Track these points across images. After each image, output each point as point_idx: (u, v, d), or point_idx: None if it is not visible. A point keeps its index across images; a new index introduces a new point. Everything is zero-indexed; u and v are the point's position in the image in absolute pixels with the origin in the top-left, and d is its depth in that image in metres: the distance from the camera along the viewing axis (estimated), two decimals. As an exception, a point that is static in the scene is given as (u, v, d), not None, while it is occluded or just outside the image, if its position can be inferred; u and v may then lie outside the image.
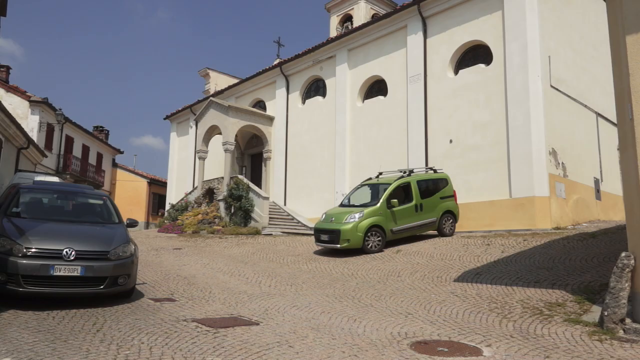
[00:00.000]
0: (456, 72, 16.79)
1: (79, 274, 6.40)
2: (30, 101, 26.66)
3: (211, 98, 24.64)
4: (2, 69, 28.15)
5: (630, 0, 5.31)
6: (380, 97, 19.27)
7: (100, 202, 8.55)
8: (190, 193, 25.59)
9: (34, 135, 25.08)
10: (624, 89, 5.41)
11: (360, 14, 32.49)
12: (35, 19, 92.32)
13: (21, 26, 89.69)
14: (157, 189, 37.67)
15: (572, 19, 16.52)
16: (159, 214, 34.19)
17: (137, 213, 34.83)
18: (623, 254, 5.41)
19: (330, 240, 12.27)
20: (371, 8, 33.12)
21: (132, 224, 8.36)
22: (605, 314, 5.32)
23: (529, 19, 14.64)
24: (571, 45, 16.25)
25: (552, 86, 14.85)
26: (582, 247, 9.84)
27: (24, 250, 6.29)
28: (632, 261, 5.32)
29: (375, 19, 20.05)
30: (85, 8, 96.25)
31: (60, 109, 27.62)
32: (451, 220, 13.77)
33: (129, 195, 36.29)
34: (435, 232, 13.66)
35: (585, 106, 16.49)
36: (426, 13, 17.47)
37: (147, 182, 37.47)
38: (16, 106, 25.83)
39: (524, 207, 14.00)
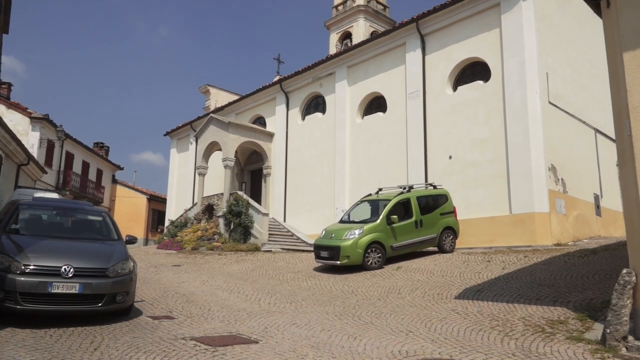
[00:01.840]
0: (455, 89, 16.90)
1: (77, 292, 6.36)
2: (31, 118, 26.77)
3: (211, 114, 24.75)
4: (3, 86, 28.32)
5: (627, 18, 5.37)
6: (380, 114, 19.36)
7: (100, 218, 8.52)
8: (189, 209, 25.54)
9: (34, 151, 25.13)
10: (622, 106, 5.44)
11: (360, 32, 32.88)
12: (37, 36, 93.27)
13: (23, 43, 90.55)
14: (156, 205, 37.61)
15: (570, 36, 16.69)
16: (158, 230, 34.08)
17: (137, 229, 34.72)
18: (624, 271, 5.38)
19: (330, 257, 12.20)
20: (370, 25, 33.53)
21: (131, 240, 8.33)
22: (608, 331, 5.27)
23: (527, 36, 14.80)
24: (569, 62, 16.40)
25: (550, 102, 14.94)
26: (583, 263, 9.79)
27: (22, 267, 6.25)
28: (634, 278, 5.28)
29: (375, 36, 20.25)
30: (87, 26, 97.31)
31: (61, 126, 27.73)
32: (451, 237, 13.72)
33: (128, 212, 36.21)
34: (435, 249, 13.60)
35: (584, 122, 16.57)
36: (425, 30, 17.66)
37: (147, 198, 37.42)
38: (17, 123, 25.93)
39: (524, 223, 13.97)
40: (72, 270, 6.40)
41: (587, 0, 6.51)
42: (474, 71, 16.59)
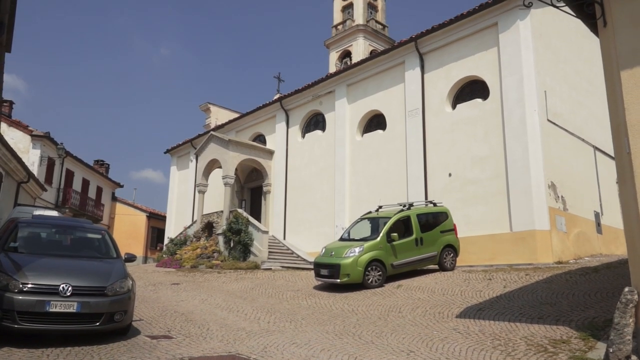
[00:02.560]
0: (454, 107, 17.00)
1: (74, 310, 6.30)
2: (32, 135, 26.87)
3: (212, 132, 24.85)
4: (5, 104, 28.49)
5: (624, 37, 5.43)
6: (379, 131, 19.44)
7: (99, 236, 8.50)
8: (189, 227, 25.47)
9: (34, 169, 25.17)
10: (620, 123, 5.46)
11: (359, 50, 33.21)
12: (39, 55, 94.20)
13: (25, 62, 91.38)
14: (156, 222, 37.51)
15: (567, 55, 16.85)
16: (158, 248, 33.93)
17: (136, 247, 34.58)
18: (626, 289, 5.34)
19: (330, 275, 12.13)
20: (369, 44, 33.88)
21: (130, 258, 8.30)
22: (610, 350, 5.20)
23: (524, 55, 14.95)
24: (566, 80, 16.53)
25: (549, 120, 15.01)
26: (585, 281, 9.72)
27: (20, 285, 6.21)
28: (636, 296, 5.24)
29: (374, 55, 20.45)
30: (89, 45, 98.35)
31: (61, 143, 27.83)
32: (452, 255, 13.65)
33: (127, 229, 36.10)
34: (436, 267, 13.52)
35: (583, 140, 16.63)
36: (423, 49, 17.84)
37: (146, 216, 37.35)
38: (18, 140, 26.03)
39: (525, 241, 13.92)
40: (70, 288, 6.35)
41: (584, 20, 6.59)
42: (472, 89, 16.71)
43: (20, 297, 6.12)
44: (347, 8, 35.51)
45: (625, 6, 5.41)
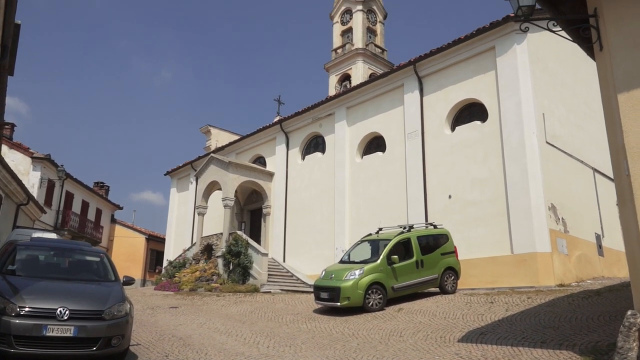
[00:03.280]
0: (453, 129, 17.10)
1: (71, 335, 6.22)
2: (32, 158, 26.95)
3: (212, 154, 24.94)
4: (6, 127, 28.64)
5: (620, 61, 5.49)
6: (379, 153, 19.51)
7: (97, 259, 8.45)
8: (188, 249, 25.33)
9: (34, 191, 25.18)
10: (618, 146, 5.49)
11: (358, 73, 33.56)
12: (41, 78, 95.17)
13: (27, 85, 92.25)
14: (155, 245, 37.34)
15: (564, 78, 17.04)
16: (156, 270, 33.71)
17: (134, 270, 34.34)
18: (629, 313, 5.28)
19: (330, 298, 12.00)
20: (369, 68, 34.25)
21: (129, 281, 8.24)
22: (616, 376, 5.12)
23: (522, 78, 15.10)
24: (564, 103, 16.67)
25: (547, 142, 15.09)
26: (588, 305, 9.63)
27: (17, 309, 6.15)
28: (639, 319, 5.18)
29: (373, 78, 20.66)
30: (90, 67, 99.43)
31: (62, 165, 27.89)
32: (453, 277, 13.55)
33: (126, 252, 35.91)
34: (437, 290, 13.40)
35: (582, 162, 16.68)
36: (422, 73, 18.04)
37: (145, 238, 37.19)
38: (18, 162, 26.10)
39: (526, 264, 13.83)
40: (67, 312, 6.29)
41: (581, 44, 6.69)
42: (471, 112, 16.84)
43: (17, 321, 6.05)
44: (347, 32, 36.04)
45: (621, 30, 5.49)
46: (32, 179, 26.34)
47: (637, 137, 5.23)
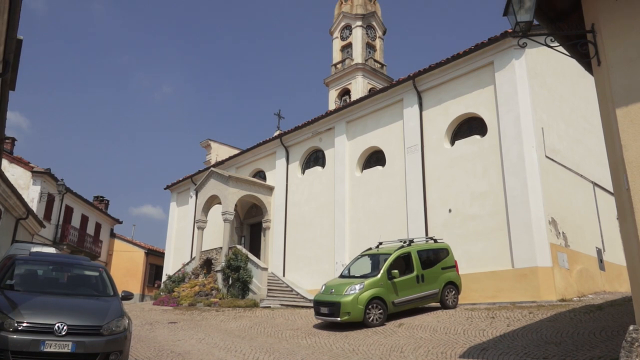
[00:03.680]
0: (452, 143, 17.15)
1: (69, 350, 6.16)
2: (32, 172, 26.97)
3: (212, 168, 24.97)
4: (7, 141, 28.71)
5: (618, 76, 5.53)
6: (379, 167, 19.54)
7: (96, 273, 8.41)
8: (187, 264, 25.22)
9: (34, 205, 25.15)
10: (618, 160, 5.50)
11: (358, 88, 33.75)
12: (41, 92, 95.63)
13: (28, 99, 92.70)
14: (154, 259, 37.18)
15: (562, 93, 17.14)
16: (155, 285, 33.51)
17: (133, 285, 34.15)
18: (631, 328, 5.24)
19: (330, 313, 11.92)
20: (368, 83, 34.46)
21: (127, 296, 8.19)
22: (619, 392, 5.06)
23: (520, 93, 15.18)
24: (563, 117, 16.75)
25: (547, 157, 15.12)
26: (589, 320, 9.56)
27: (15, 324, 6.11)
28: (642, 335, 5.14)
29: (373, 92, 20.77)
30: (91, 82, 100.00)
31: (62, 180, 27.90)
32: (454, 292, 13.46)
33: (125, 266, 35.74)
34: (437, 304, 13.31)
35: (582, 176, 16.70)
36: (421, 87, 18.14)
37: (145, 252, 37.04)
38: (18, 177, 26.11)
39: (527, 278, 13.76)
40: (65, 328, 6.24)
41: (578, 59, 6.74)
42: (470, 126, 16.90)
43: (15, 337, 6.01)
44: (347, 48, 36.34)
45: (619, 45, 5.54)
46: (31, 193, 26.33)
47: (636, 151, 5.24)
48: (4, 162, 26.91)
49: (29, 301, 6.72)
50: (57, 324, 6.23)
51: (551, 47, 6.40)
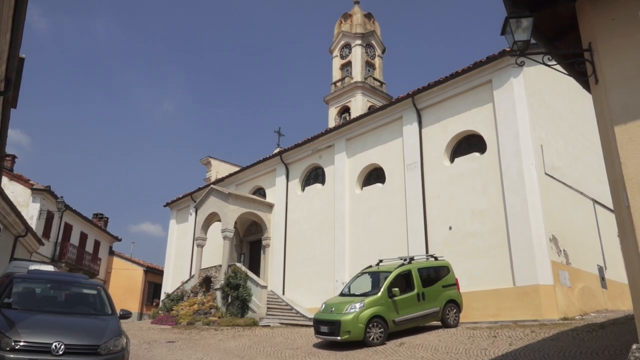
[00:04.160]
0: (452, 160, 17.18)
1: (66, 370, 6.09)
2: (32, 189, 26.96)
3: (212, 185, 24.97)
4: (7, 159, 28.77)
5: (615, 93, 5.56)
6: (379, 185, 19.54)
7: (94, 292, 8.35)
8: (186, 282, 25.06)
9: (33, 222, 25.09)
10: (617, 177, 5.50)
11: (357, 106, 33.95)
12: (42, 108, 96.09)
13: (29, 116, 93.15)
14: (153, 277, 36.94)
15: (560, 110, 17.24)
16: (154, 304, 33.23)
17: (131, 303, 33.87)
18: (634, 347, 5.18)
19: (331, 332, 11.79)
20: (367, 100, 34.68)
21: (125, 315, 8.12)
22: (624, 413, 4.98)
23: (519, 111, 15.27)
24: (561, 135, 16.82)
25: (546, 174, 15.13)
26: (592, 339, 9.46)
27: (12, 343, 6.04)
28: (646, 354, 5.08)
29: (372, 110, 20.90)
30: (92, 99, 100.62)
31: (61, 197, 27.87)
32: (455, 310, 13.34)
33: (124, 284, 35.50)
34: (439, 323, 13.18)
35: (581, 193, 16.69)
36: (420, 105, 18.25)
37: (144, 270, 36.83)
38: (18, 194, 26.09)
39: (529, 296, 13.65)
40: (62, 347, 6.17)
41: (576, 77, 6.79)
42: (469, 143, 16.96)
43: (12, 356, 5.94)
44: (346, 66, 36.67)
45: (616, 64, 5.59)
46: (31, 210, 26.28)
47: (635, 168, 5.25)
48: (4, 179, 26.91)
49: (26, 320, 6.66)
50: (54, 343, 6.17)
51: (549, 65, 6.45)
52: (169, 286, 29.30)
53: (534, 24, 5.90)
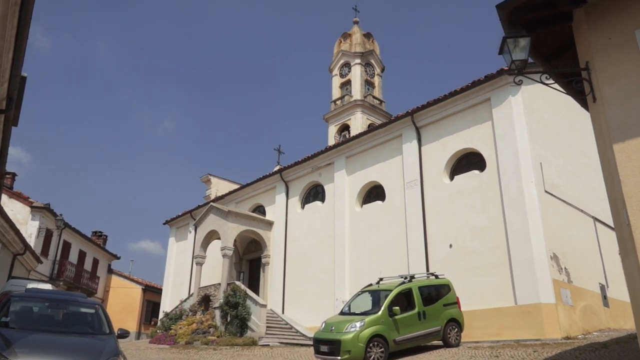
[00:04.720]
0: (452, 178, 17.20)
1: (62, 391, 6.00)
2: (31, 207, 26.93)
3: (211, 203, 24.94)
4: (8, 176, 28.80)
5: (613, 112, 5.59)
6: (379, 202, 19.52)
7: (92, 311, 8.28)
8: (185, 300, 24.85)
9: (31, 240, 25.00)
10: (617, 195, 5.50)
11: (357, 124, 34.12)
12: (43, 126, 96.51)
13: (29, 134, 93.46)
14: (151, 296, 36.65)
15: (559, 128, 17.32)
16: (152, 322, 32.91)
17: (129, 322, 33.55)
18: (639, 367, 5.12)
19: (331, 352, 11.64)
20: (367, 118, 34.88)
21: (123, 334, 8.04)
22: None
23: (518, 129, 15.34)
24: (561, 152, 16.86)
25: (546, 191, 15.13)
26: (595, 358, 9.34)
27: (8, 364, 5.97)
28: (650, 375, 5.01)
29: (372, 128, 21.01)
30: (92, 117, 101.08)
31: (60, 215, 27.82)
32: (456, 329, 13.20)
33: (122, 303, 35.21)
34: (440, 342, 13.03)
35: (582, 211, 16.67)
36: (419, 123, 18.35)
37: (142, 288, 36.57)
38: (17, 212, 26.05)
39: (531, 315, 13.52)
40: (59, 367, 6.09)
41: (574, 96, 6.84)
42: (469, 161, 17.00)
43: (7, 377, 5.86)
44: (346, 84, 36.97)
45: (614, 82, 5.63)
46: (30, 228, 26.21)
47: (634, 186, 5.26)
48: (4, 197, 26.87)
49: (23, 339, 6.59)
50: (50, 364, 6.09)
51: (547, 84, 6.50)
52: (167, 304, 29.03)
53: (531, 43, 5.96)
